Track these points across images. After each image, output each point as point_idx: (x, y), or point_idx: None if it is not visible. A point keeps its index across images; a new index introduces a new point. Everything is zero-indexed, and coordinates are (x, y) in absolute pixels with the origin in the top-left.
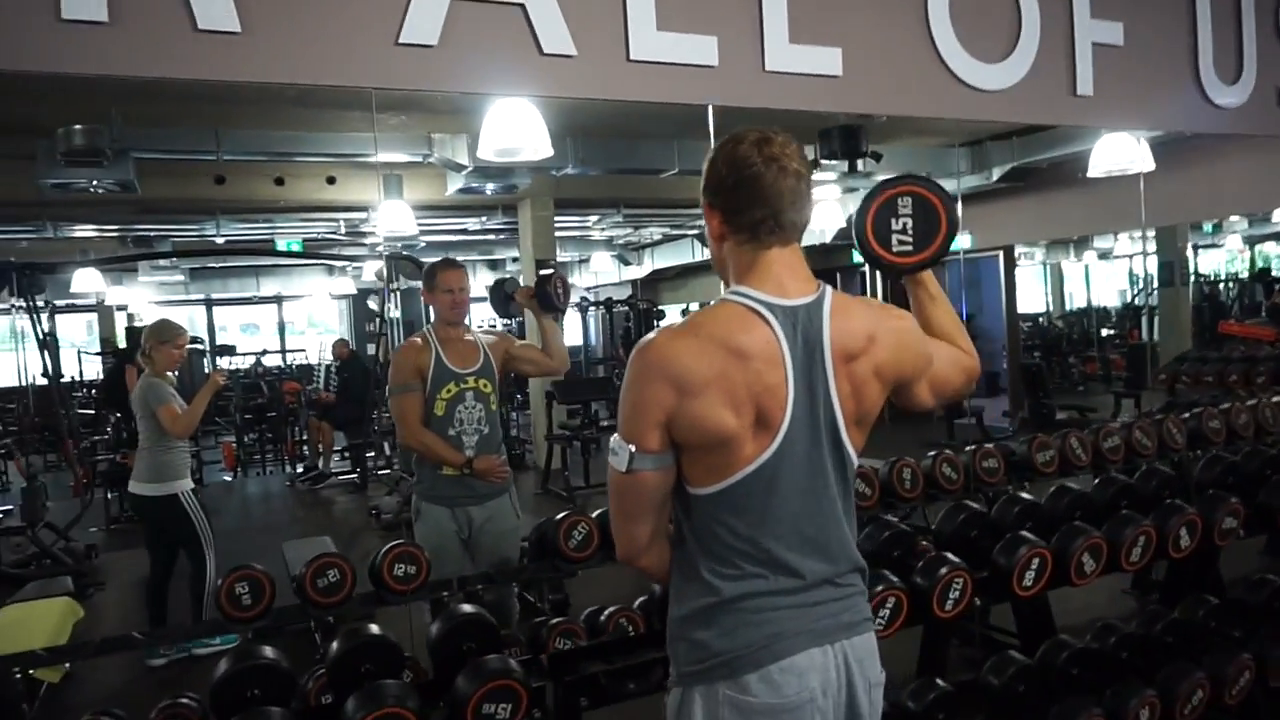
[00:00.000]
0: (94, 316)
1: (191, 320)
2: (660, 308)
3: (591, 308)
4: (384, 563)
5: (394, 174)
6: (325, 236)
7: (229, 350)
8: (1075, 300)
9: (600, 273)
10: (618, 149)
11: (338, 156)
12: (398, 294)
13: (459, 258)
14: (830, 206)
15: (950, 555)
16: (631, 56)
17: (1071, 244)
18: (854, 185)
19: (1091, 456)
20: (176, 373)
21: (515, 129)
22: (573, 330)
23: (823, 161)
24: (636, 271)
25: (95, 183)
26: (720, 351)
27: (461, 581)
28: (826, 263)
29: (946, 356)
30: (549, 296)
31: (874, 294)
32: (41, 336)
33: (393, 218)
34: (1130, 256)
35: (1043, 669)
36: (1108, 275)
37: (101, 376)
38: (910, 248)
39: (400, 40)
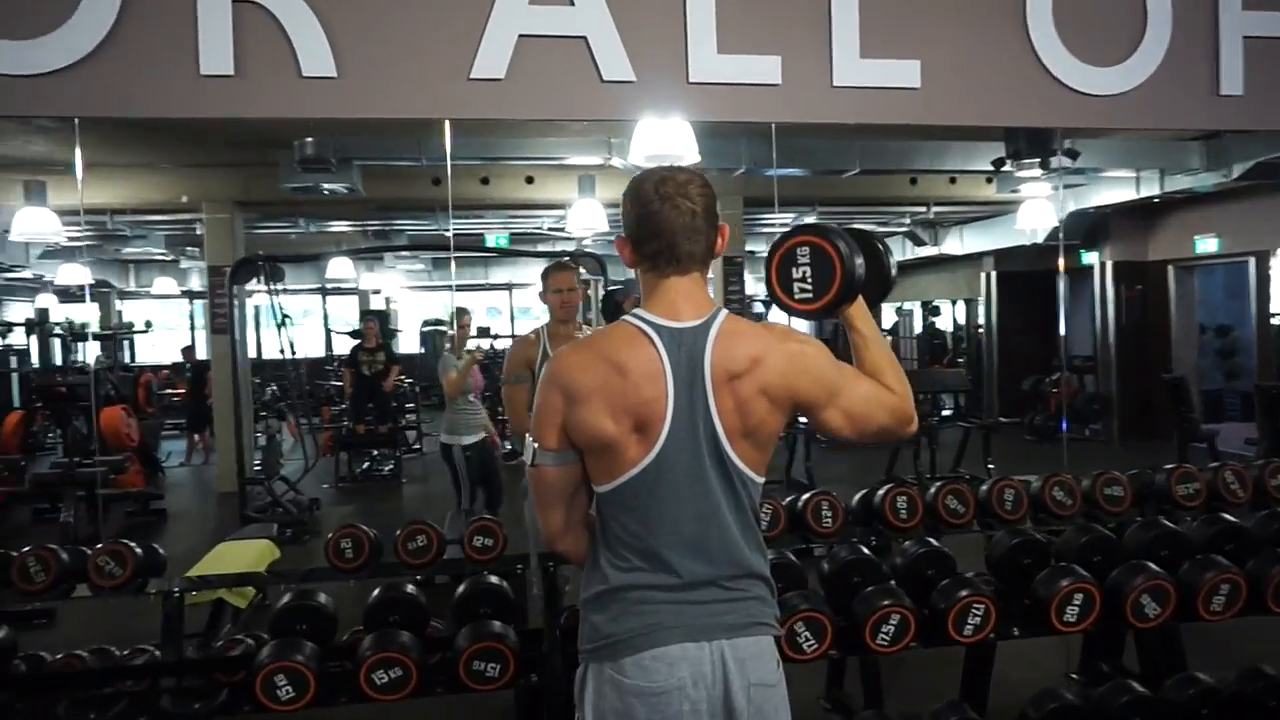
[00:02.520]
0: (355, 299)
1: (444, 304)
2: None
3: None
4: (467, 535)
5: (588, 174)
6: (530, 232)
7: (485, 332)
8: None
9: None
10: (795, 149)
11: (532, 159)
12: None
13: None
14: (1040, 205)
15: (974, 579)
16: (692, 79)
17: None
18: (1073, 182)
19: (1251, 494)
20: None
21: (662, 137)
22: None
23: (1010, 161)
24: None
25: (327, 187)
26: (604, 366)
27: (542, 558)
28: (1044, 264)
29: (866, 392)
30: None
31: (1105, 296)
32: (280, 318)
33: (585, 215)
34: None
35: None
36: None
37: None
38: (810, 295)
39: (472, 76)
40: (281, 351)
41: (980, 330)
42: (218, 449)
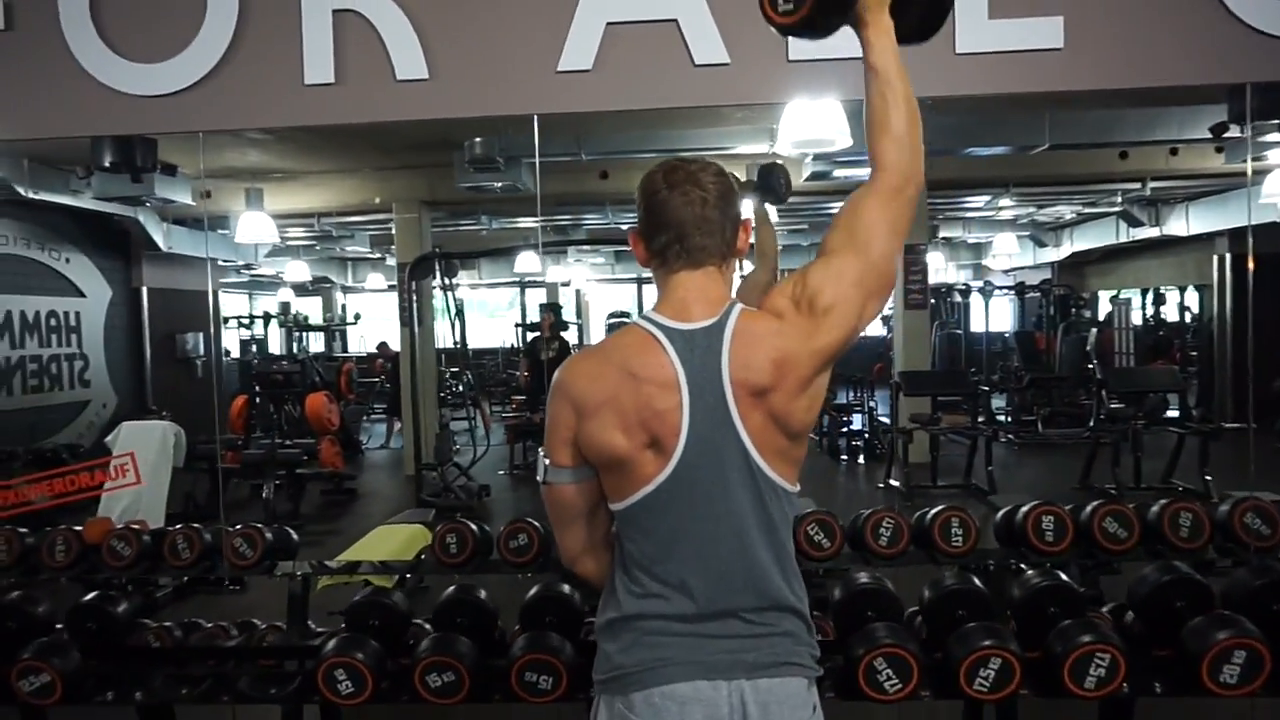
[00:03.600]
0: (544, 292)
1: (631, 297)
2: (1083, 294)
3: (997, 292)
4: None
5: (755, 164)
6: None
7: None
8: None
9: (1011, 255)
10: (973, 126)
11: (700, 149)
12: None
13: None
14: None
15: (1102, 623)
16: (793, 56)
17: None
18: None
19: None
20: None
21: (813, 121)
22: (977, 316)
23: (1235, 126)
24: (1054, 254)
25: (497, 185)
26: (615, 374)
27: None
28: None
29: (873, 233)
30: (773, 183)
31: None
32: (455, 310)
33: (752, 206)
34: None
35: None
36: None
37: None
38: (791, 5)
39: (559, 69)
40: (455, 343)
41: (1212, 322)
42: (403, 434)
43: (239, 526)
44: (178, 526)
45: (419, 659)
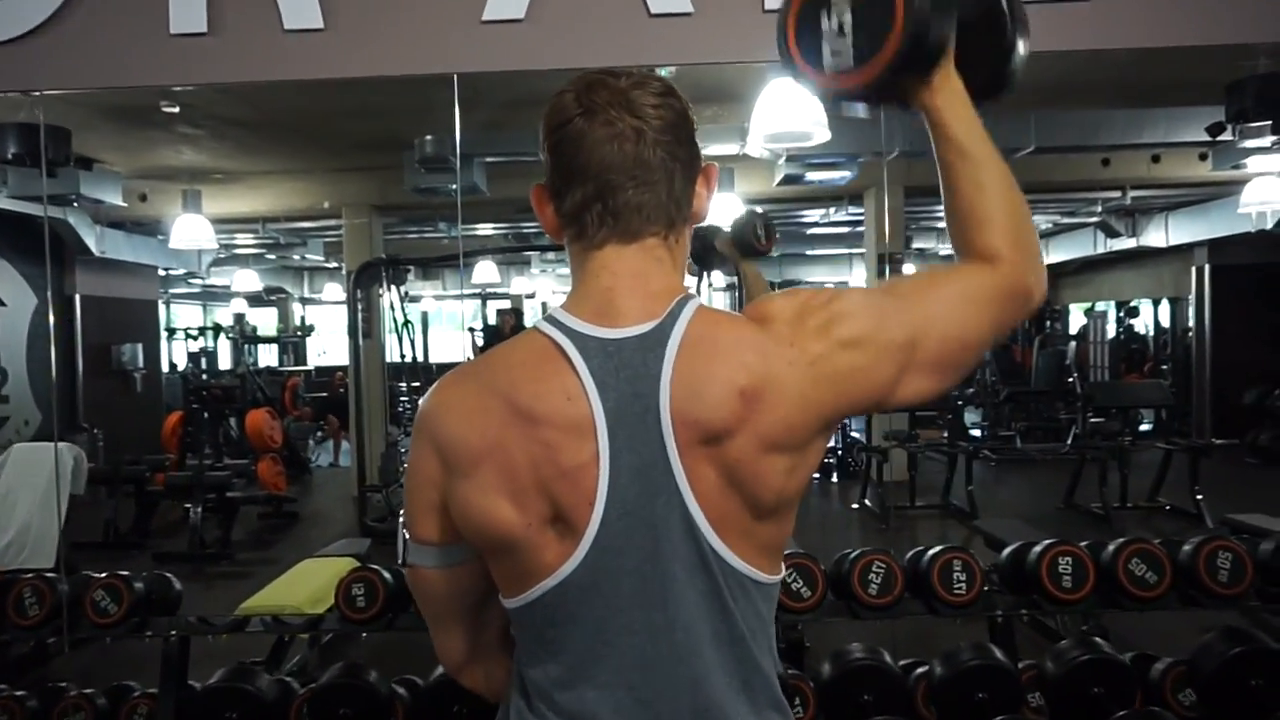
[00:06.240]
0: (506, 304)
1: None
2: (1057, 308)
3: None
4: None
5: (726, 166)
6: None
7: None
8: None
9: None
10: None
11: None
12: (709, 288)
13: (808, 252)
14: (1270, 183)
15: (1164, 715)
16: (769, 6)
17: None
18: None
19: None
20: None
21: (784, 113)
22: None
23: (1232, 127)
24: None
25: (452, 187)
26: (500, 410)
27: None
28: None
29: (948, 305)
30: (749, 241)
31: None
32: (403, 320)
33: (723, 212)
34: None
35: None
36: None
37: None
38: (848, 58)
39: (485, 18)
40: (402, 356)
41: (1189, 334)
42: (350, 454)
43: (103, 575)
44: (27, 576)
45: None
